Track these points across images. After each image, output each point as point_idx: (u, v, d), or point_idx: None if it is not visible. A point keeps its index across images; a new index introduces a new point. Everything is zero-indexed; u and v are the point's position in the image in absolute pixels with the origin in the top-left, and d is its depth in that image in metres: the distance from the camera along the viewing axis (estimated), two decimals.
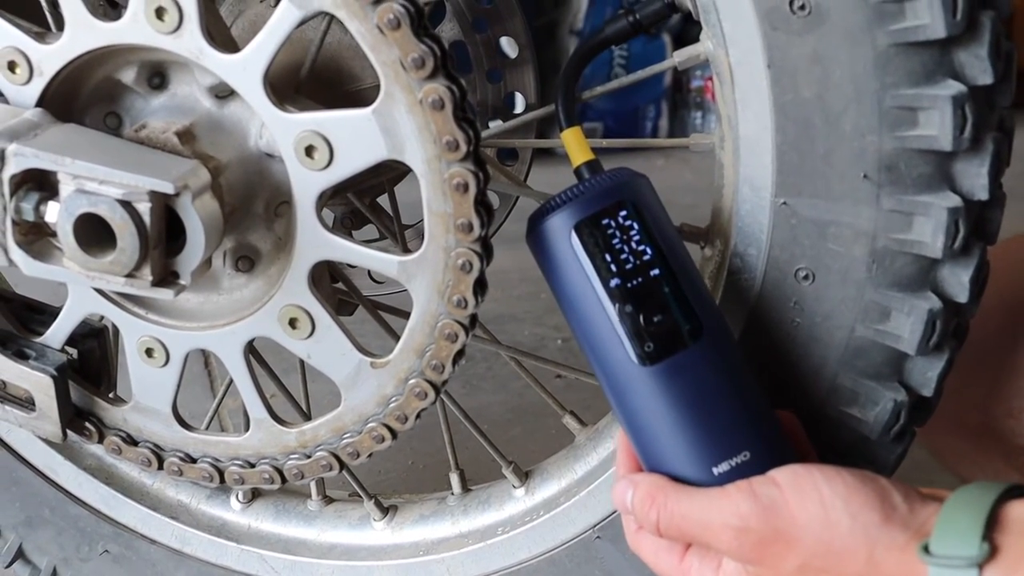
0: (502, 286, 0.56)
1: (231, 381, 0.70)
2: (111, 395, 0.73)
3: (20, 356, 0.69)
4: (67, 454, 0.84)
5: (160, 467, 0.71)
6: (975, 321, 0.68)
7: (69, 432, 0.70)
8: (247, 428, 0.68)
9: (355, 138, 0.57)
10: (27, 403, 0.70)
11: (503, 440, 0.85)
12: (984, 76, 0.55)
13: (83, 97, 0.64)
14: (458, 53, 0.79)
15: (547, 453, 0.79)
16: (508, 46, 0.82)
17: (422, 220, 0.58)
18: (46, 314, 0.72)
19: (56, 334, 0.69)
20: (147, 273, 0.58)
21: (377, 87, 0.55)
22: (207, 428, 0.77)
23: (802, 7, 0.55)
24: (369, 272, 0.89)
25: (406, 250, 0.74)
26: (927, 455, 0.88)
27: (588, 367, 0.61)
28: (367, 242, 0.81)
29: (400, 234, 0.78)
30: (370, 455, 0.66)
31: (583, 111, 3.42)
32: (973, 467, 0.87)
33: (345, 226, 0.85)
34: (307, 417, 0.72)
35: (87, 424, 0.71)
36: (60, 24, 0.65)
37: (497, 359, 1.20)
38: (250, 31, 0.77)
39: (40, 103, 0.62)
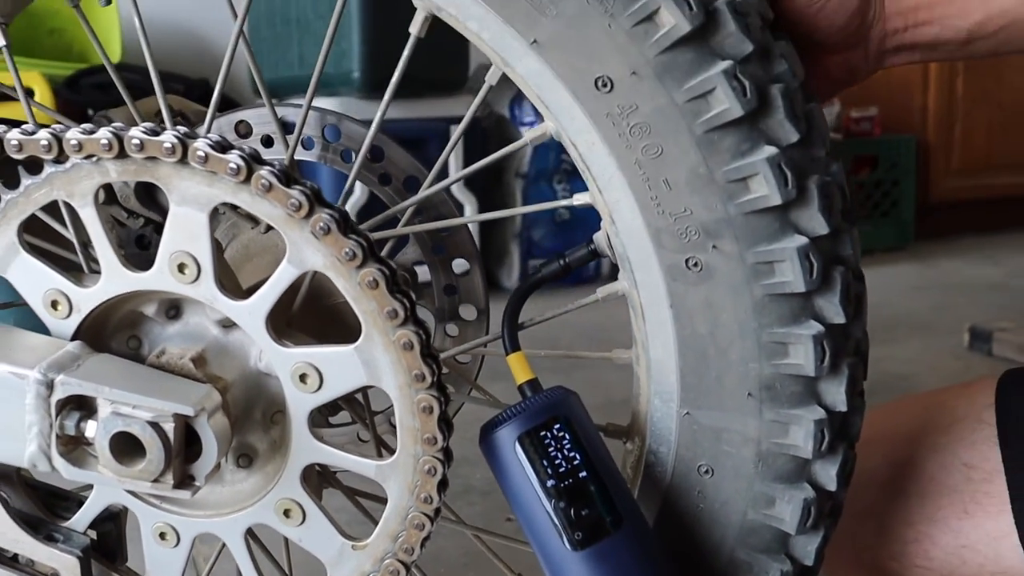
0: (457, 429, 0.64)
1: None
2: (124, 568, 0.83)
3: (50, 539, 0.79)
4: None
5: None
6: (864, 476, 0.81)
7: None
8: None
9: (340, 368, 0.69)
10: None
11: None
12: (838, 317, 0.68)
13: (111, 326, 0.75)
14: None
15: None
16: (458, 267, 0.95)
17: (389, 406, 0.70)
18: (70, 500, 0.83)
19: (81, 520, 0.79)
20: (169, 478, 0.69)
21: None
22: None
23: (695, 264, 0.68)
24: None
25: (382, 446, 0.85)
26: None
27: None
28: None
29: (373, 431, 0.89)
30: None
31: (531, 250, 3.57)
32: None
33: (322, 412, 0.96)
34: None
35: None
36: (90, 264, 0.78)
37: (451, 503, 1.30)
38: (243, 253, 0.89)
39: (76, 334, 0.73)
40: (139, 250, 0.95)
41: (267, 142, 0.94)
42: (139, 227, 0.95)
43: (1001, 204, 4.83)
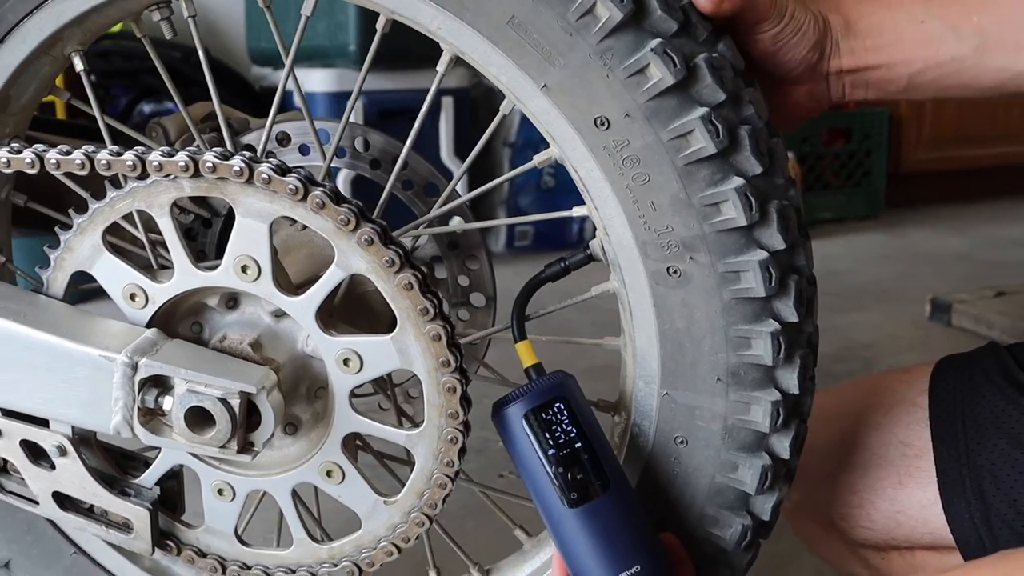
0: None
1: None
2: (184, 519, 0.96)
3: (123, 494, 0.92)
4: (130, 558, 1.06)
5: (224, 574, 0.94)
6: (818, 449, 0.94)
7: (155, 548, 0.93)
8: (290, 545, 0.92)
9: (378, 355, 0.82)
10: (124, 527, 0.93)
11: (458, 533, 1.08)
12: (792, 317, 0.81)
13: (179, 314, 0.88)
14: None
15: (495, 544, 1.02)
16: (471, 263, 1.08)
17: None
18: (137, 460, 0.96)
19: (150, 477, 0.92)
20: (234, 445, 0.82)
21: None
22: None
23: (675, 272, 0.80)
24: None
25: (402, 415, 0.98)
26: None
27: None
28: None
29: (394, 401, 1.03)
30: (381, 565, 0.90)
31: (517, 215, 3.69)
32: (829, 552, 1.13)
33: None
34: (328, 538, 0.95)
35: (168, 542, 0.94)
36: (158, 261, 0.90)
37: None
38: (282, 247, 1.01)
39: (151, 322, 0.86)
40: (188, 241, 1.08)
41: (303, 150, 1.06)
42: (189, 222, 1.07)
43: (970, 175, 4.97)
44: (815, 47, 0.87)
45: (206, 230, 1.09)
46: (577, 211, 0.86)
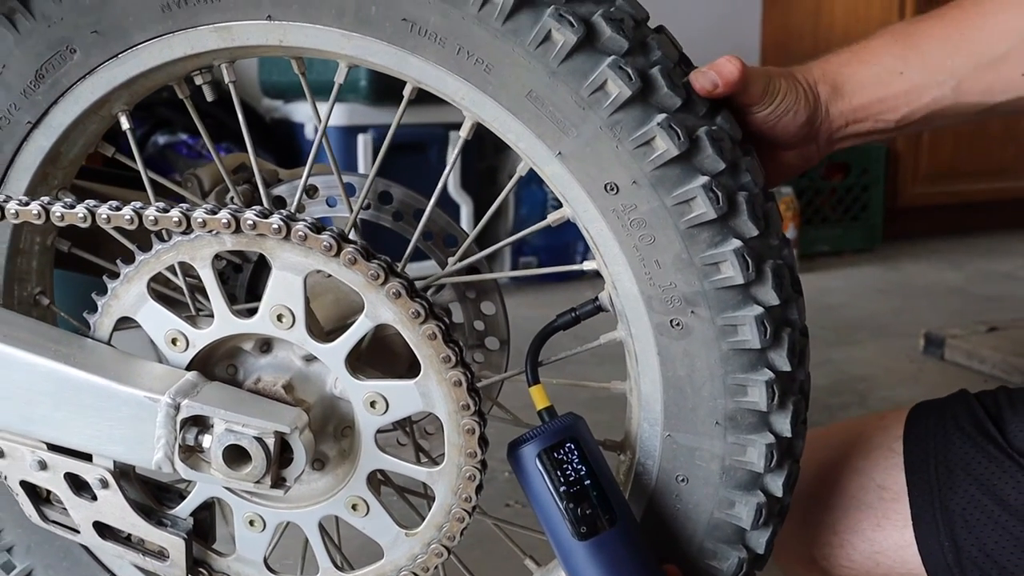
0: None
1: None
2: (215, 548, 1.02)
3: (160, 524, 0.98)
4: None
5: None
6: (801, 491, 1.00)
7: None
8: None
9: (403, 398, 0.88)
10: (160, 555, 0.99)
11: (469, 560, 1.15)
12: (785, 367, 0.87)
13: (216, 357, 0.94)
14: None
15: (502, 571, 1.08)
16: (486, 308, 1.15)
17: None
18: (172, 492, 1.02)
19: (185, 508, 0.98)
20: (268, 480, 0.88)
21: None
22: None
23: (678, 324, 0.87)
24: None
25: (420, 451, 1.05)
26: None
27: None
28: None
29: (413, 438, 1.09)
30: None
31: (521, 248, 3.77)
32: None
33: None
34: (351, 567, 1.01)
35: (201, 569, 1.00)
36: (196, 307, 0.97)
37: None
38: (310, 294, 1.08)
39: (190, 365, 0.92)
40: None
41: (330, 202, 1.13)
42: (221, 267, 1.14)
43: (965, 209, 5.05)
44: (807, 122, 0.93)
45: (236, 275, 1.16)
46: (587, 265, 0.92)
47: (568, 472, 0.88)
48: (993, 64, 0.93)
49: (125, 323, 0.94)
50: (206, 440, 0.89)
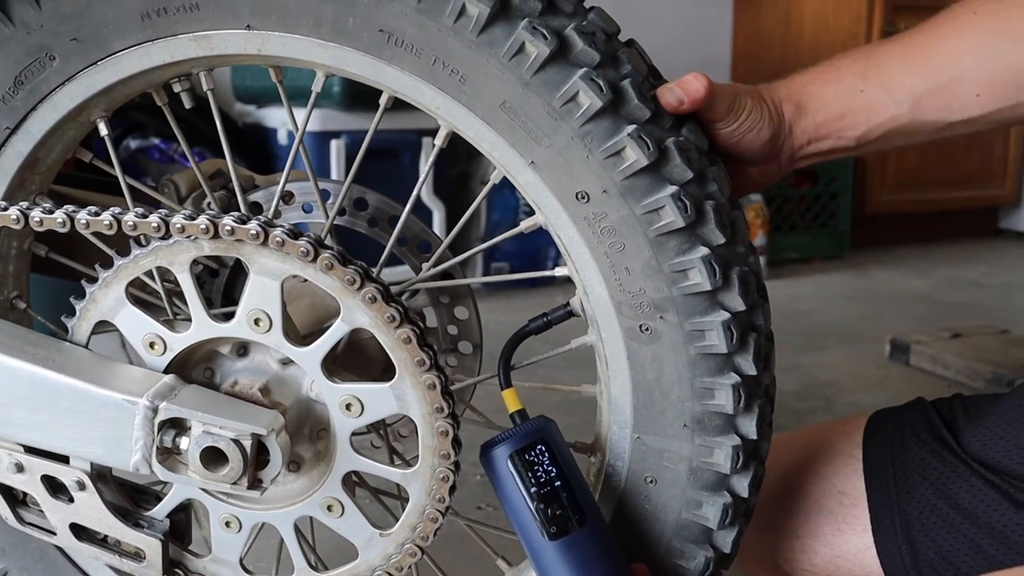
0: None
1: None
2: (191, 549, 1.03)
3: (136, 525, 0.99)
4: None
5: None
6: (765, 496, 1.03)
7: None
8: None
9: (378, 400, 0.90)
10: (136, 556, 1.00)
11: (442, 562, 1.16)
12: (751, 371, 0.90)
13: (193, 360, 0.95)
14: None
15: (472, 572, 1.09)
16: (459, 312, 1.17)
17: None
18: (149, 494, 1.03)
19: (161, 510, 1.00)
20: (245, 481, 0.89)
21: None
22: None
23: (647, 329, 0.89)
24: None
25: (393, 452, 1.06)
26: None
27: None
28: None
29: (387, 440, 1.11)
30: None
31: (493, 254, 3.79)
32: None
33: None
34: (325, 567, 1.02)
35: (177, 570, 1.01)
36: (173, 311, 0.98)
37: None
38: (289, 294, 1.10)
39: (168, 368, 0.94)
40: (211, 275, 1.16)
41: (306, 208, 1.14)
42: (197, 272, 1.15)
43: (932, 217, 5.12)
44: (771, 140, 0.96)
45: (213, 279, 1.17)
46: (559, 271, 0.95)
47: (539, 473, 0.90)
48: (949, 84, 0.96)
49: (103, 327, 0.95)
50: (184, 442, 0.90)
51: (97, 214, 0.91)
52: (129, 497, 1.01)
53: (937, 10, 0.99)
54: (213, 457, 0.89)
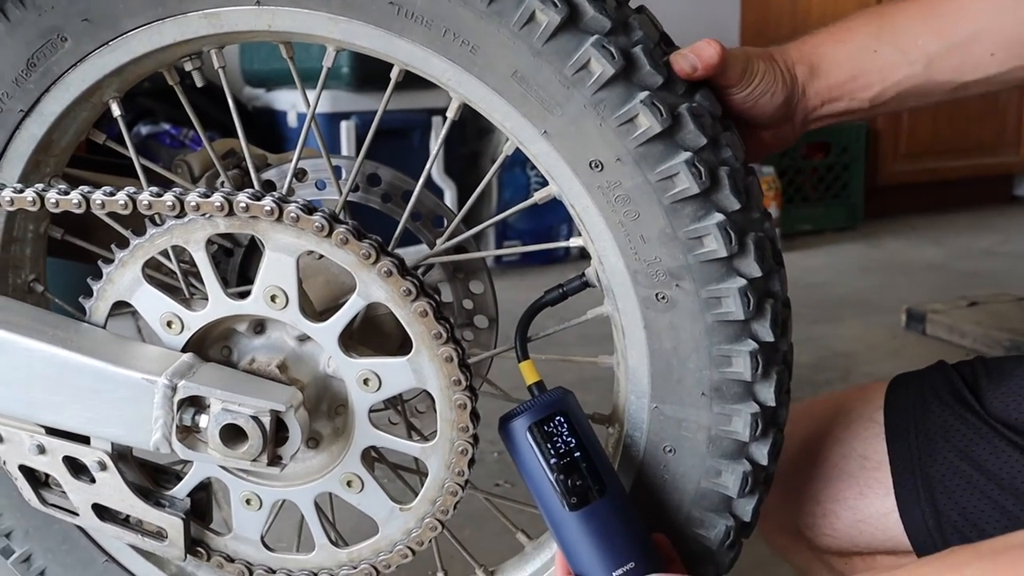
0: None
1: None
2: (212, 527, 1.04)
3: (158, 505, 1.00)
4: (156, 564, 1.13)
5: None
6: (785, 462, 1.02)
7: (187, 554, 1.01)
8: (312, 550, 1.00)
9: (396, 375, 0.90)
10: (158, 535, 1.01)
11: (462, 539, 1.16)
12: (769, 337, 0.89)
13: (211, 339, 0.95)
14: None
15: (493, 547, 1.10)
16: (474, 287, 1.17)
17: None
18: (170, 474, 1.04)
19: (182, 489, 1.00)
20: (264, 458, 0.90)
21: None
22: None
23: (663, 297, 0.89)
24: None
25: (411, 428, 1.07)
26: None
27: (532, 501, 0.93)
28: None
29: (404, 415, 1.11)
30: (397, 566, 0.98)
31: (506, 232, 3.78)
32: (795, 557, 1.21)
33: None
34: (346, 543, 1.03)
35: (199, 548, 1.02)
36: (190, 290, 0.98)
37: None
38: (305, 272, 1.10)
39: (186, 347, 0.94)
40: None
41: (320, 185, 1.14)
42: (212, 251, 1.15)
43: (945, 187, 5.08)
44: (784, 103, 0.96)
45: (228, 259, 1.17)
46: (574, 242, 0.94)
47: (558, 444, 0.90)
48: (963, 44, 0.96)
49: (120, 307, 0.95)
50: (203, 420, 0.90)
51: (112, 194, 0.91)
52: (150, 477, 1.02)
53: None
54: (232, 434, 0.90)
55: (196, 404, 0.91)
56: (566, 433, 0.90)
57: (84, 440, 0.96)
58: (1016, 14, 0.94)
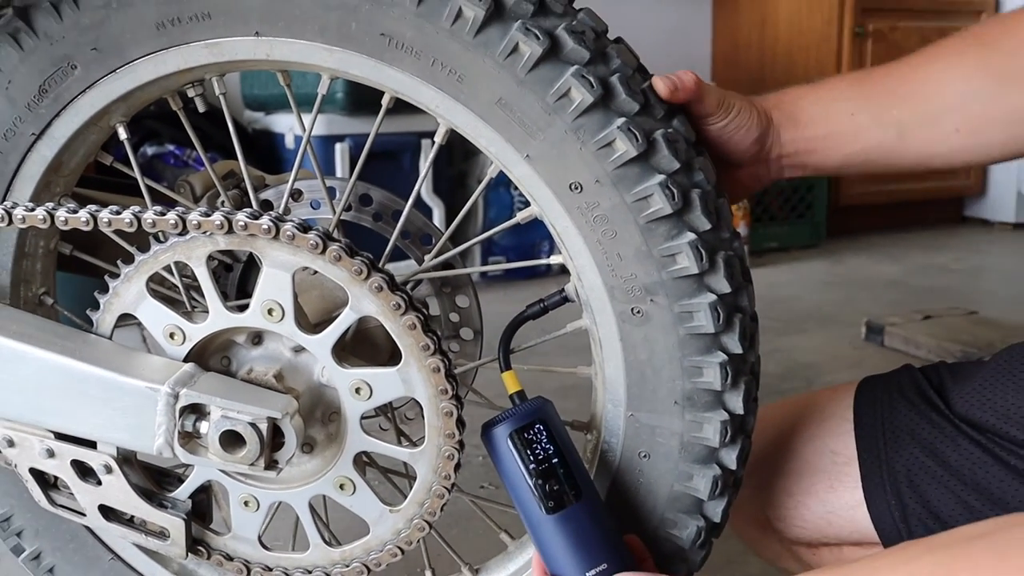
0: None
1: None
2: (212, 528, 1.03)
3: (160, 506, 0.99)
4: (160, 562, 1.13)
5: (249, 575, 1.01)
6: (758, 457, 1.02)
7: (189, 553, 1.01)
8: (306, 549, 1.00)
9: (386, 384, 0.90)
10: (161, 535, 1.00)
11: (449, 538, 1.16)
12: (737, 349, 0.89)
13: (211, 349, 0.95)
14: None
15: (478, 547, 1.10)
16: (460, 301, 1.17)
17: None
18: (172, 477, 1.03)
19: (184, 491, 0.99)
20: (261, 463, 0.89)
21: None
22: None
23: (638, 312, 0.89)
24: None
25: (401, 434, 1.06)
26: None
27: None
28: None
29: (394, 422, 1.10)
30: (387, 565, 0.98)
31: (491, 248, 3.78)
32: (765, 549, 1.21)
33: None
34: (338, 542, 1.02)
35: (200, 547, 1.01)
36: (191, 303, 0.98)
37: None
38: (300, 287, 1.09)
39: (187, 357, 0.93)
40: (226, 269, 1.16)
41: (314, 205, 1.14)
42: (212, 267, 1.14)
43: (902, 207, 5.12)
44: (758, 140, 0.96)
45: (227, 274, 1.17)
46: (554, 259, 0.94)
47: (537, 451, 0.89)
48: (933, 118, 0.96)
49: (126, 319, 0.95)
50: (203, 426, 0.90)
51: (118, 213, 0.90)
52: (153, 479, 1.01)
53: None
54: (231, 440, 0.89)
55: (197, 411, 0.90)
56: (545, 440, 0.90)
57: (91, 445, 0.96)
58: (982, 99, 0.94)
